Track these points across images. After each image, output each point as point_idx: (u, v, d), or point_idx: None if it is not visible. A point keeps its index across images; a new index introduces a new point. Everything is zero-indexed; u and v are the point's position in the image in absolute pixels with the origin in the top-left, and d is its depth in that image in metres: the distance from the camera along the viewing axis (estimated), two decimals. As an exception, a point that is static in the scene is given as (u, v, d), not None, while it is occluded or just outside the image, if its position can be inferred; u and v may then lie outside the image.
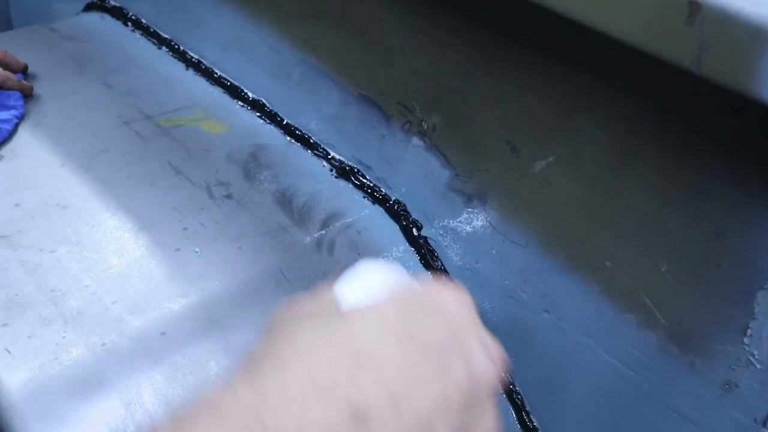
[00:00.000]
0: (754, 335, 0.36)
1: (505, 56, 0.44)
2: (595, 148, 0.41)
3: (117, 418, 0.38)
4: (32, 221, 0.48)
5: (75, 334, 0.41)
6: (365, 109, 0.55)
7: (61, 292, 0.43)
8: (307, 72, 0.59)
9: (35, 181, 0.52)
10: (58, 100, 0.61)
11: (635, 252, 0.40)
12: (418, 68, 0.50)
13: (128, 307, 0.43)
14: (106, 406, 0.38)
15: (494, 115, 0.46)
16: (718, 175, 0.36)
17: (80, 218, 0.49)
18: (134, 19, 0.71)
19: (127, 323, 0.42)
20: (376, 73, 0.53)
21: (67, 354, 0.40)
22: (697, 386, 0.38)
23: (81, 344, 0.40)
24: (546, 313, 0.46)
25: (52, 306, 0.42)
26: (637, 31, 0.32)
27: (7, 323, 0.41)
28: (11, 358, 0.39)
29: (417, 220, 0.54)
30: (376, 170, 0.56)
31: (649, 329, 0.40)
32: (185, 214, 0.51)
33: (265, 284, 0.47)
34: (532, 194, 0.45)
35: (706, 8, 0.30)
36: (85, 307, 0.42)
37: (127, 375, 0.40)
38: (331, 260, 0.51)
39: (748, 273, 0.35)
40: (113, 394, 0.39)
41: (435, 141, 0.51)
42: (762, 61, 0.29)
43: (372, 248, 0.52)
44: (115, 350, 0.41)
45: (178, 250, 0.48)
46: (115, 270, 0.45)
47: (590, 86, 0.40)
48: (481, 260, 0.50)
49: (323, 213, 0.54)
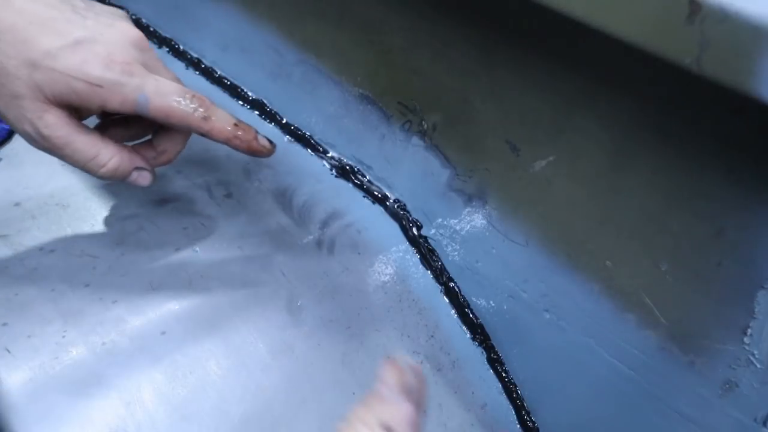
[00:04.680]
0: (754, 335, 0.36)
1: (506, 56, 0.44)
2: (595, 147, 0.41)
3: (117, 418, 0.38)
4: (32, 221, 0.48)
5: (75, 333, 0.41)
6: (365, 109, 0.55)
7: (61, 291, 0.43)
8: (307, 72, 0.59)
9: (35, 181, 0.52)
10: (58, 100, 0.61)
11: (635, 251, 0.40)
12: (419, 68, 0.50)
13: (128, 306, 0.43)
14: (106, 406, 0.38)
15: (494, 114, 0.46)
16: (718, 175, 0.36)
17: (80, 217, 0.49)
18: (134, 19, 0.71)
19: (127, 323, 0.42)
20: (376, 72, 0.53)
21: (67, 353, 0.40)
22: (697, 386, 0.38)
23: (81, 344, 0.40)
24: (546, 313, 0.46)
25: (51, 305, 0.42)
26: (637, 30, 0.32)
27: (7, 323, 0.40)
28: (11, 357, 0.39)
29: (417, 220, 0.54)
30: (376, 170, 0.56)
31: (649, 329, 0.40)
32: (185, 214, 0.51)
33: (265, 284, 0.47)
34: (532, 194, 0.45)
35: (706, 8, 0.30)
36: (85, 306, 0.42)
37: (127, 374, 0.40)
38: (331, 260, 0.51)
39: (749, 272, 0.35)
40: (113, 394, 0.39)
41: (435, 140, 0.51)
42: (762, 61, 0.29)
43: (372, 247, 0.52)
44: (115, 350, 0.41)
45: (178, 249, 0.48)
46: (115, 269, 0.45)
47: (590, 86, 0.40)
48: (481, 260, 0.50)
49: (323, 212, 0.54)
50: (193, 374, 0.41)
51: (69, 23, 0.39)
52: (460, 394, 0.48)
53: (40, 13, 0.39)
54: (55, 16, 0.39)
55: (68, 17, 0.39)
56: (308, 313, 0.47)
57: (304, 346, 0.45)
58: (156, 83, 0.40)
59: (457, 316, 0.51)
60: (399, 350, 0.48)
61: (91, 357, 0.40)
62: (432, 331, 0.50)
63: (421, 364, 0.48)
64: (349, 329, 0.47)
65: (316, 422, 0.42)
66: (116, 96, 0.39)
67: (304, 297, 0.47)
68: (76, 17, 0.40)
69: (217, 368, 0.42)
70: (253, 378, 0.42)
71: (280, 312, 0.46)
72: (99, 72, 0.39)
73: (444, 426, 0.46)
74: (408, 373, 0.32)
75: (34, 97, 0.38)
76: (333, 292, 0.49)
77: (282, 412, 0.42)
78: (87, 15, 0.41)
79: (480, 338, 0.50)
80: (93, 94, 0.39)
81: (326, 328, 0.46)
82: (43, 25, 0.38)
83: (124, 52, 0.40)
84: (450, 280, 0.52)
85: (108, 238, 0.47)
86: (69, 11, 0.40)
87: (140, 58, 0.41)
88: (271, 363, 0.43)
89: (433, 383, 0.47)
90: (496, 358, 0.50)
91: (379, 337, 0.48)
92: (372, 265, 0.52)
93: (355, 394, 0.44)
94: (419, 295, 0.51)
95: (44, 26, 0.38)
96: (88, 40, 0.39)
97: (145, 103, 0.40)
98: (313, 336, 0.46)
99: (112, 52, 0.39)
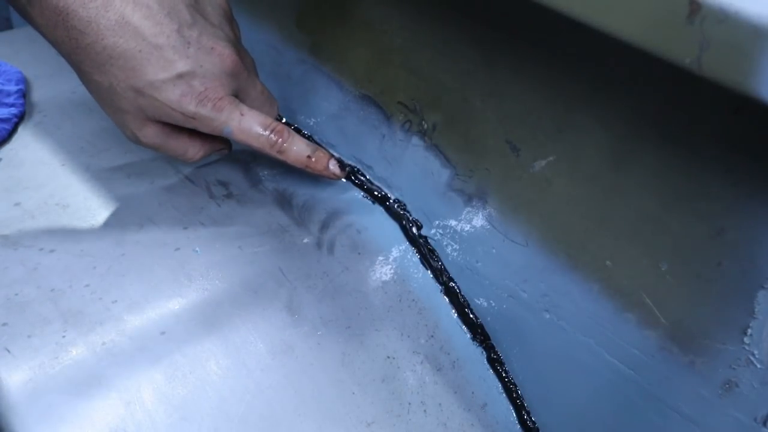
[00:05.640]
0: (754, 334, 0.36)
1: (506, 56, 0.44)
2: (595, 147, 0.41)
3: (117, 418, 0.38)
4: (32, 220, 0.48)
5: (75, 333, 0.41)
6: (365, 109, 0.55)
7: (61, 291, 0.43)
8: (307, 72, 0.59)
9: (35, 180, 0.52)
10: (58, 100, 0.61)
11: (635, 251, 0.40)
12: (419, 67, 0.50)
13: (128, 306, 0.43)
14: (106, 406, 0.38)
15: (494, 114, 0.46)
16: (718, 175, 0.36)
17: (80, 217, 0.49)
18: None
19: (127, 323, 0.42)
20: (376, 72, 0.53)
21: (67, 353, 0.40)
22: (698, 386, 0.38)
23: (81, 344, 0.40)
24: (546, 313, 0.46)
25: (51, 305, 0.42)
26: (637, 30, 0.32)
27: (7, 322, 0.41)
28: (11, 357, 0.39)
29: (417, 220, 0.54)
30: (376, 169, 0.56)
31: (650, 328, 0.40)
32: (185, 214, 0.51)
33: (265, 284, 0.47)
34: (532, 194, 0.45)
35: (706, 8, 0.30)
36: (85, 306, 0.42)
37: (127, 374, 0.40)
38: (331, 260, 0.51)
39: (749, 272, 0.35)
40: (113, 394, 0.39)
41: (435, 140, 0.51)
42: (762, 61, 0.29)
43: (372, 247, 0.52)
44: (115, 350, 0.41)
45: (178, 249, 0.48)
46: (115, 269, 0.45)
47: (590, 86, 0.40)
48: (481, 260, 0.50)
49: (323, 212, 0.54)
50: (193, 374, 0.41)
51: (174, 52, 0.44)
52: (460, 394, 0.48)
53: (150, 38, 0.43)
54: (162, 44, 0.43)
55: (174, 44, 0.44)
56: (308, 313, 0.47)
57: (304, 346, 0.45)
58: (240, 119, 0.47)
59: (457, 316, 0.51)
60: (399, 350, 0.48)
61: (91, 357, 0.40)
62: (432, 331, 0.50)
63: (421, 364, 0.48)
64: (349, 329, 0.47)
65: (316, 422, 0.42)
66: (206, 126, 0.46)
67: (304, 297, 0.47)
68: (181, 44, 0.44)
69: (217, 368, 0.42)
70: (253, 378, 0.42)
71: (280, 312, 0.46)
72: (194, 108, 0.45)
73: (444, 426, 0.46)
74: None
75: (136, 115, 0.45)
76: (333, 292, 0.49)
77: (282, 412, 0.42)
78: (191, 38, 0.45)
79: (480, 338, 0.50)
80: (186, 122, 0.46)
81: (326, 328, 0.46)
82: (151, 54, 0.43)
83: (218, 86, 0.46)
84: (450, 280, 0.52)
85: (108, 238, 0.47)
86: (175, 36, 0.44)
87: (233, 86, 0.47)
88: (271, 363, 0.43)
89: (433, 383, 0.47)
90: (496, 358, 0.50)
91: (379, 337, 0.48)
92: (372, 265, 0.52)
93: (354, 394, 0.44)
94: (419, 295, 0.51)
95: (151, 56, 0.43)
96: (189, 74, 0.44)
97: (229, 133, 0.47)
98: (313, 336, 0.46)
99: (208, 87, 0.45)
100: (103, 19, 0.42)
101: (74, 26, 0.42)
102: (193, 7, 0.47)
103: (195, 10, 0.47)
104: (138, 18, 0.43)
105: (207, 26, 0.47)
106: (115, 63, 0.43)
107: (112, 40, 0.43)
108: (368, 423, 0.44)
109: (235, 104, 0.47)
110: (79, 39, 0.43)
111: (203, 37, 0.46)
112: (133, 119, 0.46)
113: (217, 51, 0.46)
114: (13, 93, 0.58)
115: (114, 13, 0.42)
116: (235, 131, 0.47)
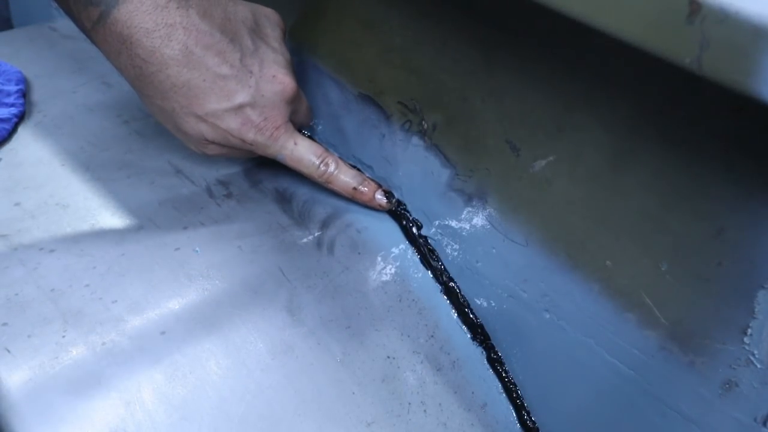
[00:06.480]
0: (754, 334, 0.36)
1: (506, 55, 0.44)
2: (595, 147, 0.41)
3: (117, 418, 0.38)
4: (32, 220, 0.48)
5: (75, 333, 0.41)
6: (365, 109, 0.55)
7: (61, 291, 0.43)
8: (307, 72, 0.59)
9: (35, 180, 0.52)
10: (58, 100, 0.61)
11: (635, 251, 0.40)
12: (419, 67, 0.50)
13: (128, 306, 0.43)
14: (106, 406, 0.38)
15: (494, 114, 0.46)
16: (718, 175, 0.36)
17: (80, 217, 0.49)
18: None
19: (127, 323, 0.42)
20: (376, 72, 0.53)
21: (67, 353, 0.40)
22: (698, 386, 0.38)
23: (81, 344, 0.40)
24: (546, 313, 0.46)
25: (51, 305, 0.42)
26: (637, 30, 0.32)
27: (7, 322, 0.41)
28: (11, 357, 0.39)
29: (417, 220, 0.54)
30: (376, 169, 0.56)
31: (650, 329, 0.40)
32: (185, 214, 0.51)
33: (265, 284, 0.47)
34: (532, 194, 0.45)
35: (706, 8, 0.30)
36: (85, 306, 0.42)
37: (127, 374, 0.40)
38: (331, 259, 0.51)
39: (749, 272, 0.35)
40: (113, 394, 0.39)
41: (435, 140, 0.51)
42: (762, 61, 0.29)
43: (372, 247, 0.52)
44: (115, 350, 0.41)
45: (178, 249, 0.48)
46: (115, 269, 0.45)
47: (590, 86, 0.40)
48: (481, 260, 0.50)
49: (323, 212, 0.54)
50: (193, 374, 0.41)
51: (237, 82, 0.45)
52: (460, 394, 0.48)
53: (213, 68, 0.44)
54: (225, 74, 0.44)
55: (236, 74, 0.45)
56: (308, 313, 0.47)
57: (304, 346, 0.45)
58: (293, 148, 0.50)
59: (457, 316, 0.51)
60: (399, 350, 0.48)
61: (91, 357, 0.40)
62: (432, 331, 0.50)
63: (421, 364, 0.48)
64: (349, 329, 0.47)
65: (316, 422, 0.42)
66: (261, 152, 0.49)
67: (304, 297, 0.47)
68: (243, 74, 0.45)
69: (217, 368, 0.42)
70: (253, 378, 0.42)
71: (280, 312, 0.46)
72: (252, 136, 0.47)
73: (444, 426, 0.46)
74: None
75: (197, 137, 0.47)
76: (333, 292, 0.49)
77: (282, 412, 0.42)
78: (253, 67, 0.46)
79: (480, 338, 0.50)
80: (244, 147, 0.49)
81: (326, 328, 0.46)
82: (214, 83, 0.44)
83: (276, 115, 0.48)
84: (450, 280, 0.52)
85: (108, 238, 0.47)
86: (238, 66, 0.45)
87: (290, 110, 0.49)
88: (271, 363, 0.43)
89: (433, 383, 0.47)
90: (496, 358, 0.50)
91: (379, 337, 0.48)
92: (372, 265, 0.52)
93: (354, 394, 0.44)
94: (419, 295, 0.51)
95: (214, 85, 0.44)
96: (250, 104, 0.46)
97: (282, 160, 0.50)
98: (313, 336, 0.46)
99: (268, 117, 0.47)
100: (166, 48, 0.42)
101: (138, 54, 0.42)
102: (255, 32, 0.47)
103: (256, 35, 0.47)
104: (201, 48, 0.43)
105: (268, 52, 0.47)
106: (178, 91, 0.44)
107: (176, 69, 0.43)
108: (368, 423, 0.44)
109: (289, 133, 0.49)
110: (143, 67, 0.43)
111: (265, 65, 0.47)
112: (193, 140, 0.48)
113: (278, 79, 0.47)
114: (13, 93, 0.58)
115: (177, 43, 0.42)
116: (288, 159, 0.50)
